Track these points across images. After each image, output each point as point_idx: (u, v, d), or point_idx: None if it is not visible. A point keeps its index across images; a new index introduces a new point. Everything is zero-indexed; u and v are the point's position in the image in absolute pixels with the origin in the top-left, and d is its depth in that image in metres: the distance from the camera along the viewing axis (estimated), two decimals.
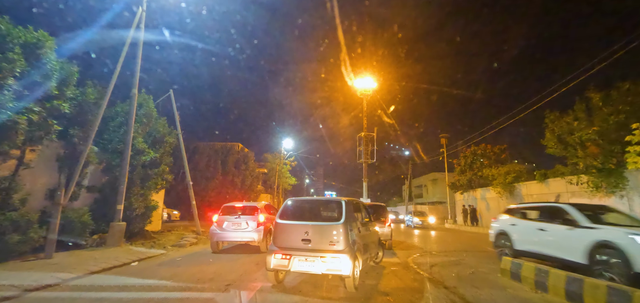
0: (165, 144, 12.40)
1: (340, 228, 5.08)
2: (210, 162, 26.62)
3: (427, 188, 47.30)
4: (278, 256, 5.21)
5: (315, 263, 5.00)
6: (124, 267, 7.17)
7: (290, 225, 5.45)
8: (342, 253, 4.92)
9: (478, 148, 23.80)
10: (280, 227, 5.53)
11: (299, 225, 5.33)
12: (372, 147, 27.75)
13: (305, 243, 5.15)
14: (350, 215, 5.48)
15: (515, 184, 19.56)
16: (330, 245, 5.03)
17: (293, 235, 5.31)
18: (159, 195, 13.39)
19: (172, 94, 13.69)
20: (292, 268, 5.13)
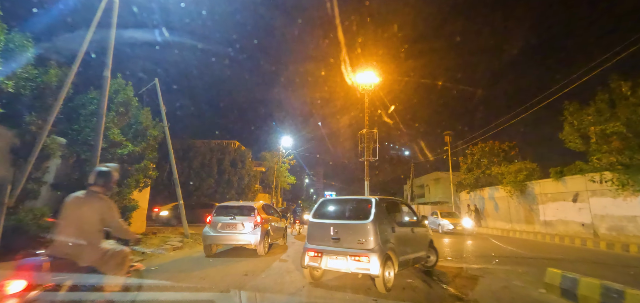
0: (149, 138, 11.05)
1: (369, 227, 5.02)
2: (205, 161, 25.28)
3: (429, 188, 45.97)
4: (311, 253, 5.36)
5: (344, 261, 5.03)
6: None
7: (321, 224, 5.60)
8: (371, 252, 4.86)
9: (485, 145, 22.47)
10: (312, 225, 5.72)
11: (329, 224, 5.46)
12: (374, 145, 26.47)
13: (335, 241, 5.24)
14: (381, 214, 5.35)
15: (527, 183, 18.22)
16: (359, 244, 5.00)
17: (324, 233, 5.42)
18: (143, 194, 12.03)
19: (158, 84, 12.36)
20: (323, 266, 5.20)
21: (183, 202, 12.47)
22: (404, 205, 6.75)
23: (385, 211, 5.60)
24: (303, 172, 65.90)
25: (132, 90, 9.88)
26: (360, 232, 5.07)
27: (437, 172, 45.37)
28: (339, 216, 5.70)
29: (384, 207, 5.59)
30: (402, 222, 6.09)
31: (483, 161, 22.21)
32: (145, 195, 12.61)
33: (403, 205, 6.72)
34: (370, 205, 5.37)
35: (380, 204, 5.46)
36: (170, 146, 12.45)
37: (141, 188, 11.32)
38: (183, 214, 12.28)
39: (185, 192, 25.01)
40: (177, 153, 25.02)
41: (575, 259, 9.58)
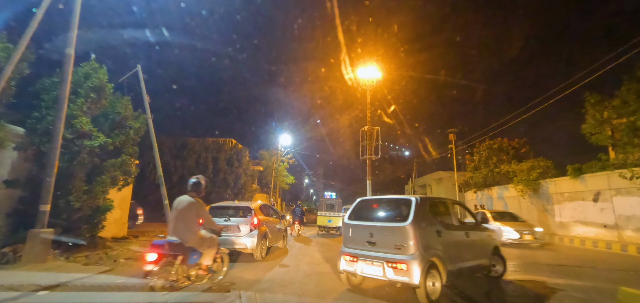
0: (129, 130, 9.76)
1: (408, 230, 4.50)
2: (200, 159, 23.99)
3: (431, 188, 44.64)
4: (347, 258, 5.06)
5: (380, 268, 4.58)
6: (18, 300, 4.55)
7: (356, 226, 5.23)
8: (410, 259, 4.36)
9: (494, 142, 21.20)
10: (347, 227, 5.33)
11: (364, 226, 5.09)
12: (376, 142, 25.19)
13: (371, 245, 4.86)
14: (423, 215, 4.79)
15: (541, 181, 16.93)
16: (396, 249, 4.55)
17: (359, 236, 5.07)
18: (123, 194, 10.71)
19: (140, 71, 11.07)
20: (359, 272, 4.85)
21: (168, 202, 11.14)
22: (455, 205, 5.83)
23: (429, 212, 4.98)
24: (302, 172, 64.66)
25: (106, 75, 8.57)
26: (397, 236, 4.56)
27: (440, 172, 44.07)
28: (376, 218, 5.20)
29: (426, 208, 4.95)
30: (452, 225, 5.36)
31: (492, 159, 20.92)
32: (126, 194, 11.29)
33: (454, 205, 5.79)
34: (409, 205, 4.78)
35: (422, 204, 4.85)
36: (154, 140, 11.16)
37: (121, 187, 10.01)
38: (169, 215, 10.97)
39: (179, 192, 23.62)
40: (171, 151, 23.73)
41: (619, 267, 8.32)
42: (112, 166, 9.03)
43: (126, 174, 9.87)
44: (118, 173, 9.28)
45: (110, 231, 10.50)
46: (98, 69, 8.48)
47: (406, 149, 55.92)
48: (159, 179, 11.16)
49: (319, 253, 9.57)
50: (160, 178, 11.17)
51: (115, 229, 10.91)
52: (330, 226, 16.54)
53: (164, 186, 11.21)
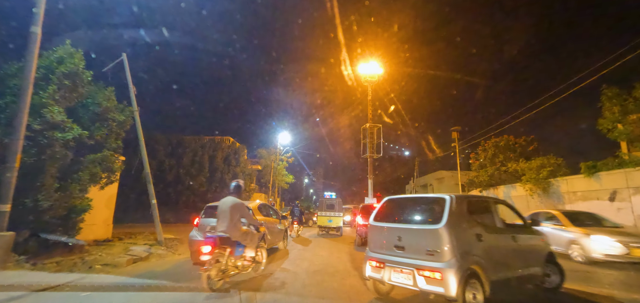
0: (112, 123, 8.90)
1: (442, 233, 3.86)
2: (196, 157, 23.14)
3: (432, 187, 43.76)
4: (372, 263, 4.54)
5: (410, 276, 3.98)
6: None
7: (382, 228, 4.69)
8: (445, 266, 3.70)
9: (500, 140, 20.32)
10: (373, 230, 4.86)
11: (391, 228, 4.53)
12: (378, 140, 24.29)
13: (399, 250, 4.28)
14: (460, 216, 4.15)
15: (552, 180, 16.07)
16: (428, 255, 3.92)
17: (386, 239, 4.51)
18: (107, 192, 9.81)
19: (126, 59, 10.19)
20: (386, 279, 4.30)
21: (156, 201, 10.27)
22: (497, 205, 5.01)
23: (467, 213, 4.30)
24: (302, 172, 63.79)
25: (83, 60, 7.69)
26: (429, 239, 3.99)
27: (441, 171, 43.21)
28: (405, 219, 4.62)
29: (463, 208, 4.29)
30: (496, 227, 4.65)
31: (498, 157, 20.05)
32: (110, 193, 10.41)
33: (496, 205, 4.98)
34: (442, 204, 4.15)
35: (458, 203, 4.20)
36: (141, 134, 10.28)
37: (103, 185, 9.15)
38: (156, 216, 10.10)
39: (174, 192, 22.85)
40: (166, 149, 22.86)
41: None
42: (92, 162, 8.16)
43: (109, 171, 9.01)
44: (98, 169, 8.40)
45: (92, 233, 9.63)
46: (73, 53, 7.59)
47: (407, 148, 55.09)
48: (146, 176, 10.27)
49: (322, 256, 9.02)
50: (148, 175, 10.29)
51: (99, 231, 10.04)
52: (330, 227, 16.11)
53: (151, 184, 10.32)
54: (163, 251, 8.93)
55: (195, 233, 7.19)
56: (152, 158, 21.83)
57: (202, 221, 7.30)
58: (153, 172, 22.27)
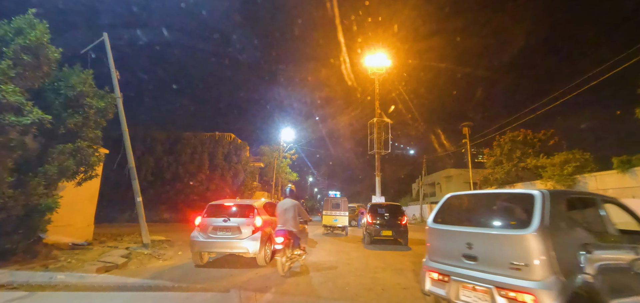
0: (88, 110, 7.71)
1: (533, 242, 2.70)
2: (195, 154, 21.97)
3: (440, 186, 42.26)
4: (433, 275, 3.52)
5: (487, 296, 2.90)
6: None
7: (445, 232, 3.60)
8: (540, 287, 2.57)
9: (518, 134, 18.87)
10: (433, 234, 3.76)
11: (458, 232, 3.40)
12: (386, 136, 22.97)
13: (469, 261, 3.14)
14: (558, 219, 2.85)
15: (578, 176, 14.61)
16: (513, 270, 2.77)
17: (451, 247, 3.42)
18: (86, 189, 8.60)
19: (107, 40, 9.00)
20: (453, 298, 3.21)
21: (141, 199, 9.06)
22: (606, 205, 3.57)
23: (567, 215, 3.10)
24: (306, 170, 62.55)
25: (47, 32, 6.48)
26: (513, 249, 2.85)
27: (449, 169, 41.67)
28: (476, 221, 3.48)
29: (561, 207, 3.07)
30: (609, 236, 3.29)
31: (515, 153, 18.60)
32: (90, 190, 9.21)
33: (604, 205, 3.53)
34: (531, 202, 2.97)
35: (554, 201, 2.98)
36: (124, 123, 9.07)
37: (80, 180, 7.98)
38: (141, 215, 8.89)
39: (172, 190, 21.72)
40: (164, 146, 21.72)
41: None
42: (61, 154, 6.97)
43: (85, 165, 7.82)
44: (71, 162, 7.20)
45: (69, 235, 8.46)
46: (35, 24, 6.38)
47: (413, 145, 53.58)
48: (130, 171, 9.06)
49: (332, 256, 8.56)
50: (132, 170, 9.06)
51: (77, 232, 8.86)
52: (336, 226, 15.54)
53: (136, 181, 9.10)
54: (146, 256, 7.72)
55: (197, 234, 6.75)
56: (149, 154, 20.76)
57: (206, 220, 6.85)
58: (151, 169, 21.24)
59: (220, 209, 7.08)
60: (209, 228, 6.73)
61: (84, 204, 9.12)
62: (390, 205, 11.07)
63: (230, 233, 6.69)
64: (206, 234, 6.72)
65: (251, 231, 6.65)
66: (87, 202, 9.26)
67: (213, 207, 7.15)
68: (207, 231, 6.72)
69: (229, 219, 6.82)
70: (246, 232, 6.65)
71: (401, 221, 10.32)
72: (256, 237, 6.62)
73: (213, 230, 6.72)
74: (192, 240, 6.72)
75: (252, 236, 6.62)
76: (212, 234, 6.71)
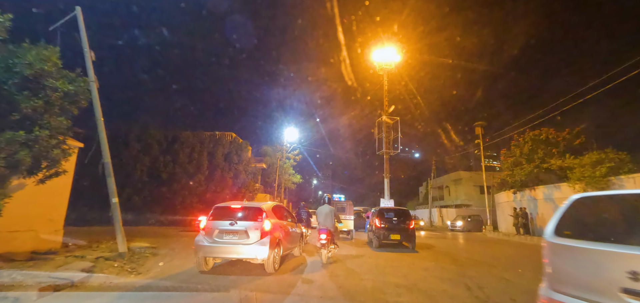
0: (51, 93, 6.41)
1: None
2: (193, 154, 20.69)
3: (448, 189, 40.59)
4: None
5: None
6: None
7: (587, 252, 2.35)
8: None
9: (540, 133, 17.28)
10: (560, 253, 2.57)
11: (615, 254, 2.17)
12: (395, 135, 21.48)
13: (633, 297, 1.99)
14: None
15: (613, 178, 13.01)
16: None
17: (598, 275, 2.25)
18: (51, 187, 7.23)
19: (80, 14, 7.69)
20: None
21: (117, 200, 7.68)
22: None
23: None
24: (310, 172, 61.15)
25: None
26: None
27: (459, 172, 39.94)
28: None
29: None
30: None
31: (537, 153, 17.00)
32: (57, 189, 7.83)
33: None
34: None
35: None
36: (99, 112, 7.73)
37: (43, 178, 6.68)
38: (117, 219, 7.52)
39: (169, 191, 20.40)
40: (161, 145, 20.44)
41: None
42: (10, 143, 5.66)
43: (46, 159, 6.51)
44: (24, 154, 5.88)
45: (29, 243, 7.14)
46: None
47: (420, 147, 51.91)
48: (105, 168, 7.70)
49: (347, 262, 8.19)
50: (107, 165, 7.69)
51: (39, 240, 7.50)
52: (341, 229, 14.67)
53: (112, 178, 7.72)
54: (116, 268, 6.35)
55: (202, 238, 6.43)
56: (145, 154, 19.50)
57: (211, 223, 6.55)
58: (146, 169, 19.96)
59: (227, 211, 6.78)
60: (215, 231, 6.44)
61: (50, 206, 7.76)
62: (398, 209, 11.30)
63: (237, 237, 6.39)
64: (211, 238, 6.42)
65: (259, 235, 6.35)
66: (53, 204, 7.90)
67: (219, 209, 6.86)
68: (212, 235, 6.42)
69: (235, 222, 6.48)
70: (254, 236, 6.35)
71: (409, 226, 10.55)
72: (265, 242, 6.33)
73: (219, 234, 6.44)
74: (197, 245, 6.45)
75: (260, 241, 6.32)
76: (218, 238, 6.42)
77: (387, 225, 10.60)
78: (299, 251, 9.07)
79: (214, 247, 6.39)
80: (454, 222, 26.98)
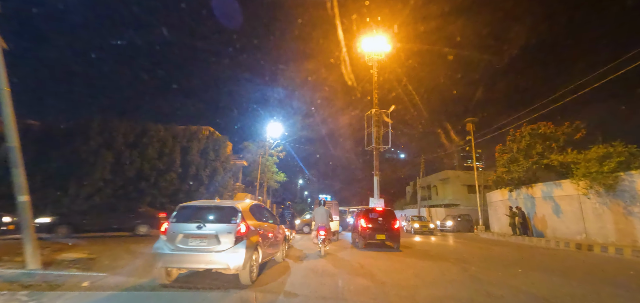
0: None
1: None
2: (165, 149, 18.51)
3: (436, 189, 39.55)
4: None
5: None
6: None
7: None
8: None
9: (538, 127, 16.09)
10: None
11: None
12: (385, 129, 19.94)
13: None
14: None
15: (622, 174, 11.83)
16: None
17: None
18: None
19: None
20: None
21: (28, 198, 5.64)
22: None
23: None
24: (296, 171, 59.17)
25: None
26: None
27: (447, 171, 38.92)
28: None
29: None
30: None
31: (535, 148, 15.79)
32: None
33: None
34: None
35: None
36: (5, 80, 5.68)
37: None
38: (28, 224, 5.50)
39: (135, 190, 18.00)
40: (126, 139, 18.11)
41: None
42: None
43: None
44: None
45: None
46: None
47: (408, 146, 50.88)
48: (10, 154, 5.64)
49: (336, 269, 7.09)
50: (14, 151, 5.65)
51: None
52: None
53: (20, 169, 5.66)
54: (6, 298, 4.38)
55: (163, 244, 5.40)
56: (108, 148, 17.18)
57: (173, 226, 5.54)
58: (109, 166, 17.62)
59: (194, 212, 5.84)
60: (178, 236, 5.50)
61: None
62: (384, 210, 11.31)
63: (205, 243, 5.44)
64: (174, 244, 5.44)
65: (233, 240, 5.41)
66: None
67: (184, 210, 5.89)
68: (175, 240, 5.46)
69: (204, 225, 5.55)
70: (227, 242, 5.40)
71: (393, 226, 10.56)
72: (239, 248, 5.37)
73: (183, 239, 5.49)
74: (156, 252, 5.46)
75: (234, 247, 5.37)
76: (182, 244, 5.45)
77: (372, 225, 10.68)
78: (282, 256, 8.07)
79: (177, 255, 5.37)
80: (444, 222, 25.78)
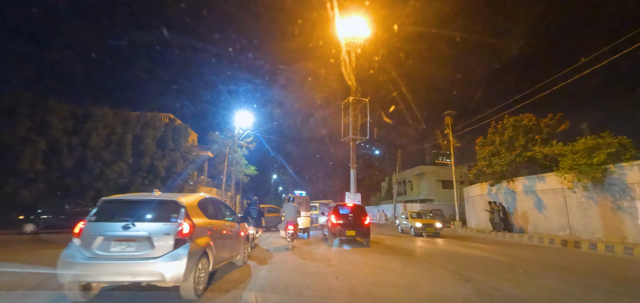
0: None
1: None
2: (113, 137, 15.88)
3: (411, 184, 38.98)
4: None
5: None
6: None
7: None
8: None
9: (521, 118, 15.24)
10: None
11: None
12: (364, 119, 18.46)
13: None
14: None
15: (611, 166, 11.03)
16: None
17: None
18: None
19: None
20: None
21: None
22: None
23: None
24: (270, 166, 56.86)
25: None
26: None
27: (422, 166, 38.43)
28: None
29: None
30: None
31: (519, 141, 14.92)
32: None
33: None
34: None
35: None
36: None
37: None
38: None
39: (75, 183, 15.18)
40: (65, 123, 15.26)
41: None
42: None
43: None
44: None
45: None
46: None
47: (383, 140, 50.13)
48: None
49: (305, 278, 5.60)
50: None
51: None
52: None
53: None
54: None
55: (75, 250, 3.91)
56: (40, 134, 14.34)
57: (91, 227, 4.04)
58: (41, 155, 14.79)
59: (121, 208, 4.40)
60: (97, 239, 3.99)
61: None
62: (354, 206, 11.28)
63: (134, 248, 3.98)
64: (90, 250, 3.95)
65: (172, 244, 4.00)
66: None
67: (108, 205, 4.44)
68: (92, 245, 3.96)
69: (133, 224, 4.08)
70: (163, 246, 3.98)
71: (363, 222, 10.52)
72: (180, 254, 3.98)
73: (103, 244, 3.99)
74: (63, 261, 3.88)
75: (172, 252, 3.97)
76: (101, 250, 3.96)
77: (343, 221, 10.52)
78: (243, 259, 6.76)
79: (93, 265, 3.95)
80: None
